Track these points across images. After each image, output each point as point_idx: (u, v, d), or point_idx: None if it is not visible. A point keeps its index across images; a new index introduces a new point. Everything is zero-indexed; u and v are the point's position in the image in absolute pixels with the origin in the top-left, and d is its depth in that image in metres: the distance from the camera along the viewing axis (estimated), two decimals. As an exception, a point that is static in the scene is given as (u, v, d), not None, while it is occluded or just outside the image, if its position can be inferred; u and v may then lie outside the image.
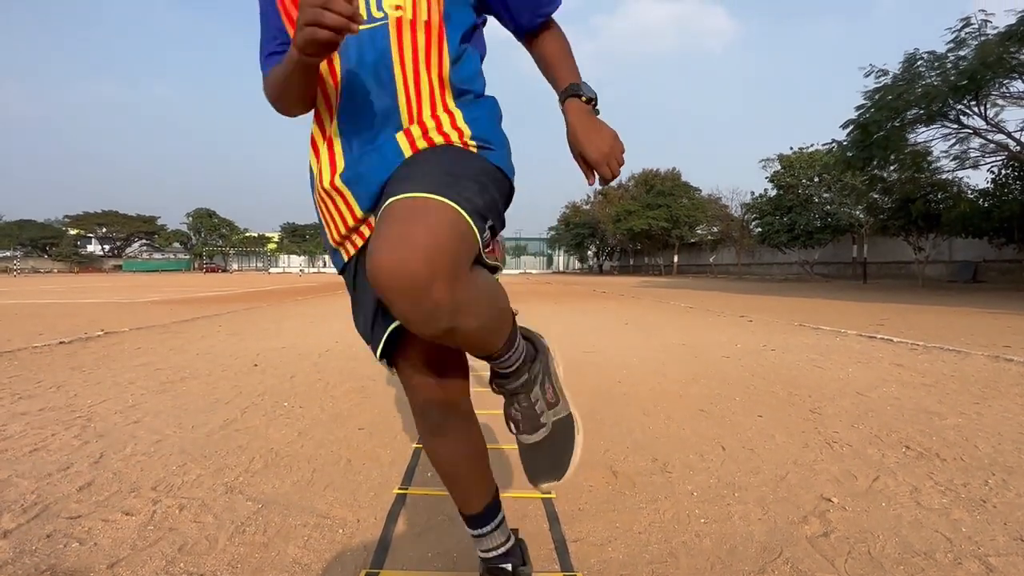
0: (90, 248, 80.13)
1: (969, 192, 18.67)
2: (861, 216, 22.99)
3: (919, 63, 14.73)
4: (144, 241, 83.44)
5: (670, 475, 1.90)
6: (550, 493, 1.75)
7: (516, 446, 1.05)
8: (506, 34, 1.13)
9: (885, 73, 15.35)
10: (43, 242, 74.06)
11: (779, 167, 27.99)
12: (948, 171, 17.95)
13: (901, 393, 3.06)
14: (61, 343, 4.96)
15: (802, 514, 1.60)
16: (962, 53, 13.92)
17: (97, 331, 5.77)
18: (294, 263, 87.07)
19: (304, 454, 2.11)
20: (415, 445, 2.22)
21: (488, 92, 1.04)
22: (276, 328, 6.35)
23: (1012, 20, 12.66)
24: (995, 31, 13.22)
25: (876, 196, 20.88)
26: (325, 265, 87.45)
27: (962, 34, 13.93)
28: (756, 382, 3.39)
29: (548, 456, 1.02)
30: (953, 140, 16.27)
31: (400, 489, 1.79)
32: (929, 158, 17.40)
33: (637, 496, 1.74)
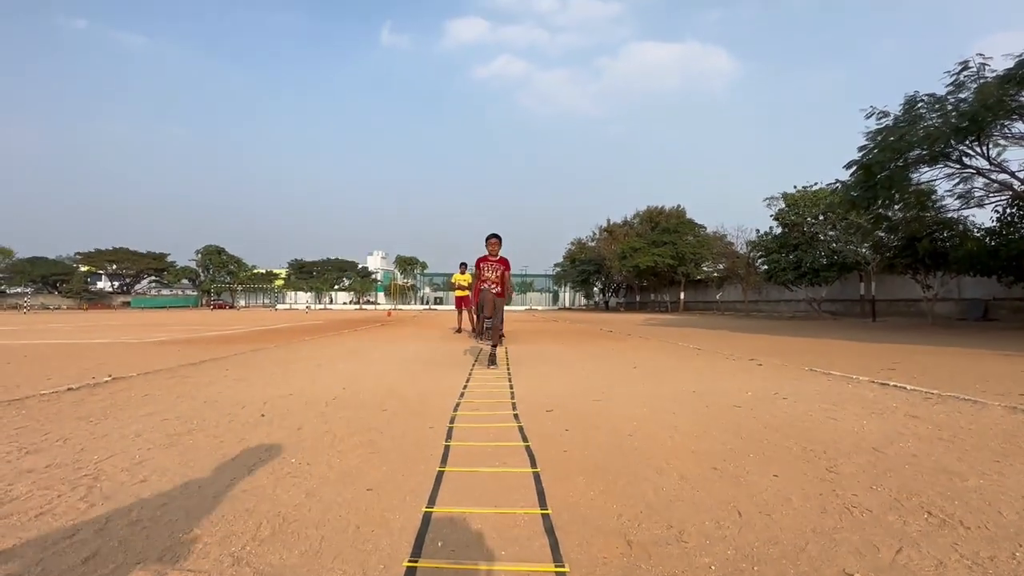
0: (100, 284, 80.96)
1: (975, 230, 18.69)
2: (867, 254, 22.97)
3: (919, 105, 14.94)
4: (153, 278, 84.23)
5: (686, 545, 1.86)
6: (564, 567, 1.71)
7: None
8: (515, 77, 1.19)
9: (886, 115, 15.57)
10: (54, 279, 74.90)
11: (783, 205, 28.17)
12: (953, 210, 18.01)
13: (918, 449, 3.00)
14: (69, 389, 4.95)
15: (825, 593, 1.55)
16: (962, 96, 14.13)
17: (105, 376, 5.77)
18: (301, 299, 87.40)
19: (312, 519, 2.07)
20: (425, 509, 2.18)
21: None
22: (283, 372, 6.34)
23: (1010, 64, 12.89)
24: (993, 74, 13.44)
25: (882, 234, 20.92)
26: (332, 302, 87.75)
27: (961, 77, 14.17)
28: (769, 435, 3.34)
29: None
30: (957, 180, 16.38)
31: (410, 562, 1.75)
32: (934, 197, 17.49)
33: (654, 569, 1.69)
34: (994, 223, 17.54)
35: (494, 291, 7.07)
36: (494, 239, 7.07)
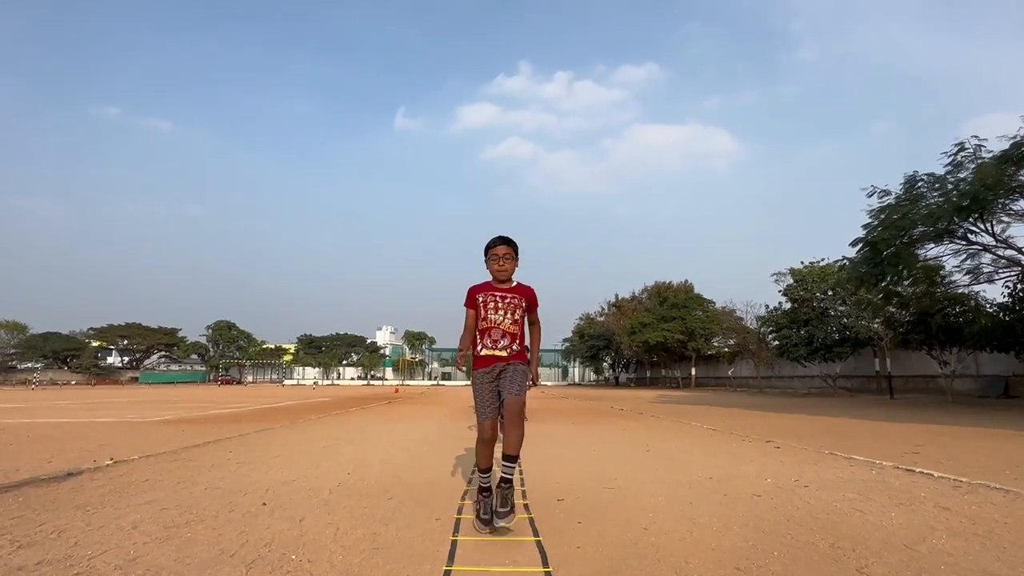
0: (110, 360, 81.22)
1: (988, 306, 18.52)
2: (880, 329, 22.73)
3: (920, 184, 15.25)
4: (163, 353, 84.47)
5: (711, 662, 1.72)
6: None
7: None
8: (522, 156, 1.23)
9: (887, 193, 15.86)
10: (65, 354, 75.28)
11: (791, 280, 28.24)
12: (963, 285, 17.93)
13: (953, 547, 2.83)
14: (69, 475, 4.85)
15: None
16: (961, 175, 14.44)
17: (106, 460, 5.66)
18: (308, 375, 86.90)
19: (310, 627, 1.95)
20: (430, 616, 2.05)
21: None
22: (287, 455, 6.20)
23: (1006, 145, 13.24)
24: (990, 155, 13.78)
25: (893, 310, 20.78)
26: (339, 377, 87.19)
27: (958, 157, 14.54)
28: (793, 530, 3.17)
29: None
30: (964, 256, 16.42)
31: None
32: (942, 272, 17.47)
33: None
34: (1006, 298, 17.41)
35: (518, 380, 3.31)
36: (504, 246, 3.35)
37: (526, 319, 3.45)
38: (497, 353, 3.30)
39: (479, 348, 3.34)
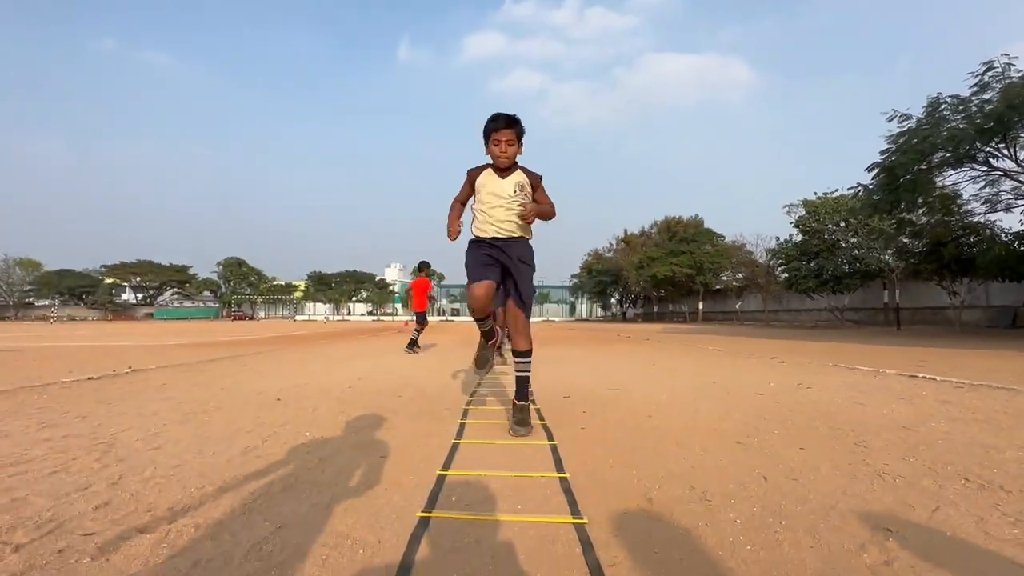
0: (124, 296, 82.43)
1: (1003, 235, 18.19)
2: (891, 261, 22.49)
3: (943, 107, 14.66)
4: (176, 289, 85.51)
5: (710, 503, 1.78)
6: (582, 518, 1.65)
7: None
8: (530, 88, 1.15)
9: (908, 117, 15.28)
10: (80, 291, 76.47)
11: (803, 212, 27.77)
12: (979, 214, 17.57)
13: (951, 428, 2.88)
14: (90, 379, 5.00)
15: (859, 543, 1.47)
16: (986, 97, 13.83)
17: (125, 368, 5.83)
18: (319, 310, 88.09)
19: (324, 480, 2.03)
20: (439, 471, 2.13)
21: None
22: (300, 367, 6.35)
23: (1036, 63, 12.61)
24: (1019, 74, 13.16)
25: (905, 240, 20.48)
26: (350, 313, 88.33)
27: (985, 78, 13.88)
28: (795, 417, 3.23)
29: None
30: (983, 183, 16.00)
31: (423, 512, 1.70)
32: (959, 200, 17.09)
33: (675, 523, 1.62)
34: (1023, 227, 17.07)
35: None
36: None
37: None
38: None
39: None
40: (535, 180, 3.00)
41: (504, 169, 2.95)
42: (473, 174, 3.01)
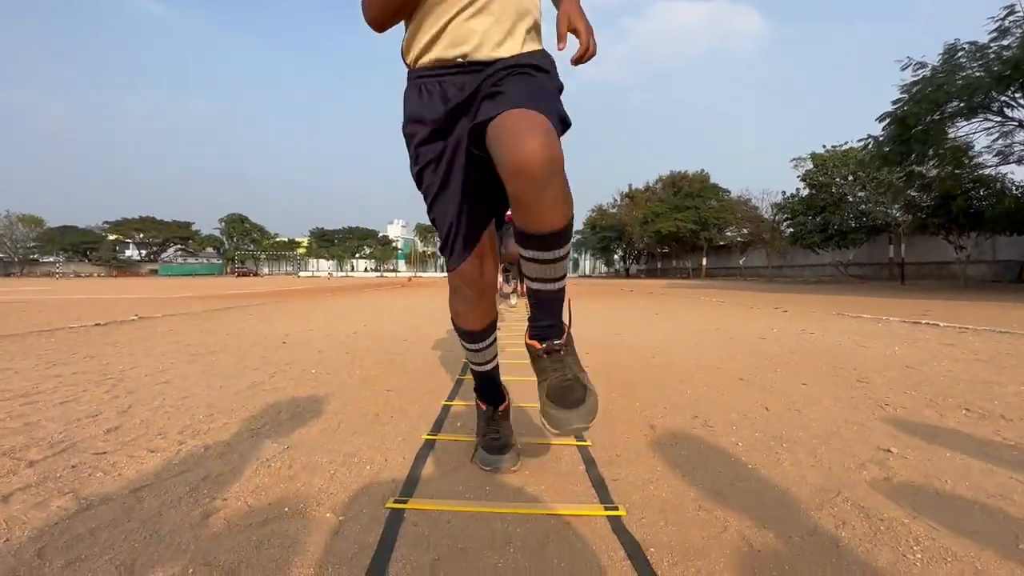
0: (128, 253, 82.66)
1: (1013, 188, 17.91)
2: (898, 215, 22.25)
3: (960, 54, 14.19)
4: (179, 246, 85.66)
5: (712, 429, 1.80)
6: (585, 440, 1.67)
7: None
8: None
9: (923, 65, 14.82)
10: (84, 247, 76.67)
11: (811, 166, 27.32)
12: (990, 166, 17.26)
13: (954, 367, 2.89)
14: (97, 324, 5.05)
15: (859, 462, 1.49)
16: (1005, 42, 13.36)
17: (132, 316, 5.87)
18: (323, 267, 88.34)
19: (331, 409, 2.06)
20: (444, 402, 2.16)
21: None
22: (305, 317, 6.39)
23: (1060, 6, 12.13)
24: (1041, 18, 12.68)
25: (914, 193, 20.19)
26: (353, 269, 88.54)
27: (1005, 22, 13.38)
28: (797, 358, 3.25)
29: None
30: (996, 134, 15.64)
31: (429, 435, 1.73)
32: (971, 153, 16.75)
33: (678, 446, 1.64)
34: (1034, 180, 16.78)
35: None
36: None
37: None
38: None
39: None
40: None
41: None
42: None
